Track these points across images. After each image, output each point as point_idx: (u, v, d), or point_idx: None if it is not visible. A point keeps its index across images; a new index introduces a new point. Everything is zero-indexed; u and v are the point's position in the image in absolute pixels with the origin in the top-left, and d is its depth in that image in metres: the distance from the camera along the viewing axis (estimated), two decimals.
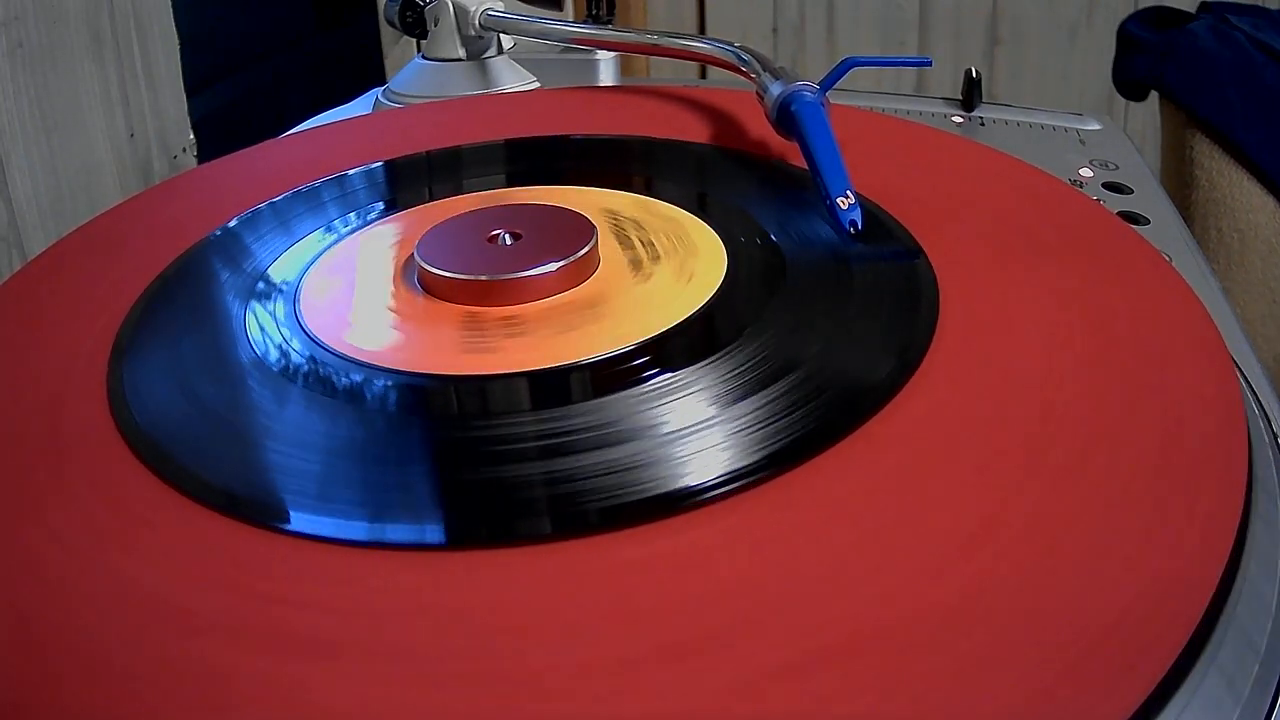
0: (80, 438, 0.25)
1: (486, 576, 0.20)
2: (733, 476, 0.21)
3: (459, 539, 0.21)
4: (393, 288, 0.30)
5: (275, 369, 0.26)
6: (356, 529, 0.21)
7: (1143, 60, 0.78)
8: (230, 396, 0.26)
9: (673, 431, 0.23)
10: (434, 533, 0.21)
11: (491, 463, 0.23)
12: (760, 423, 0.23)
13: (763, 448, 0.22)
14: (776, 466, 0.22)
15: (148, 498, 0.23)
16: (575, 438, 0.23)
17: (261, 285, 0.31)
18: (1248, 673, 0.19)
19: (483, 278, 0.28)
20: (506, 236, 0.30)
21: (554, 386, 0.25)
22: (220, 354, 0.27)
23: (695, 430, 0.23)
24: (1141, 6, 0.88)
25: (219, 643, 0.19)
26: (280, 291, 0.30)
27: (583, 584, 0.19)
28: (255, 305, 0.29)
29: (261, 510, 0.22)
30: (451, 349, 0.27)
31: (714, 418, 0.23)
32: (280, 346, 0.27)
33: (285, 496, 0.22)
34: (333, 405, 0.25)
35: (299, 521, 0.21)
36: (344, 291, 0.30)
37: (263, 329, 0.28)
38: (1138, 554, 0.19)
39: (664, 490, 0.21)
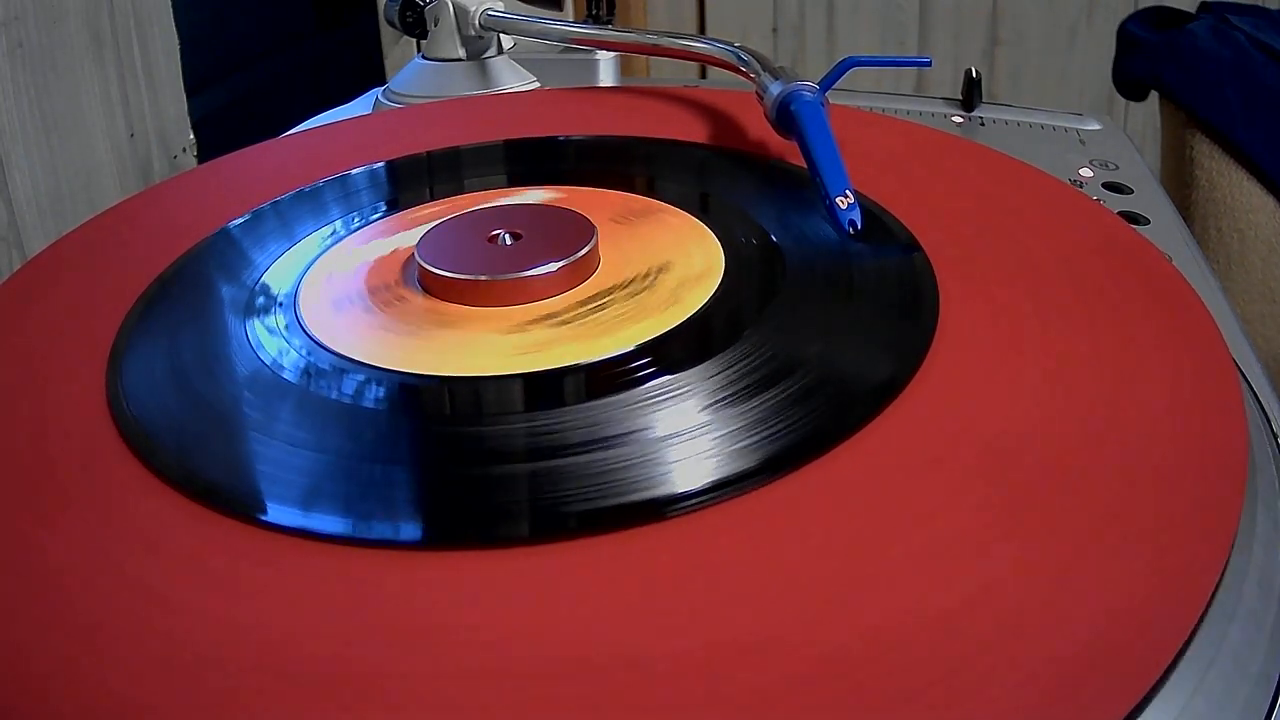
0: (80, 437, 0.25)
1: (473, 578, 0.20)
2: (731, 479, 0.21)
3: (444, 538, 0.21)
4: (393, 288, 0.30)
5: (273, 369, 0.26)
6: (350, 526, 0.21)
7: (1143, 60, 0.78)
8: (228, 396, 0.26)
9: (671, 434, 0.23)
10: (418, 531, 0.21)
11: (484, 464, 0.23)
12: (759, 425, 0.23)
13: (761, 449, 0.22)
14: (775, 470, 0.22)
15: (146, 496, 0.23)
16: (572, 440, 0.23)
17: (260, 285, 0.31)
18: (1245, 675, 0.19)
19: (483, 278, 0.28)
20: (506, 236, 0.30)
21: (552, 388, 0.25)
22: (218, 354, 0.27)
23: (694, 432, 0.23)
24: (1141, 6, 0.88)
25: (217, 640, 0.19)
26: (279, 292, 0.30)
27: (575, 586, 0.19)
28: (254, 305, 0.29)
29: (259, 508, 0.22)
30: (451, 349, 0.27)
31: (713, 420, 0.23)
32: (278, 346, 0.27)
33: (283, 495, 0.22)
34: (329, 405, 0.25)
35: (297, 519, 0.21)
36: (343, 292, 0.30)
37: (261, 329, 0.28)
38: (1137, 554, 0.19)
39: (660, 494, 0.21)
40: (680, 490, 0.21)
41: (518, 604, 0.19)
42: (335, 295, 0.30)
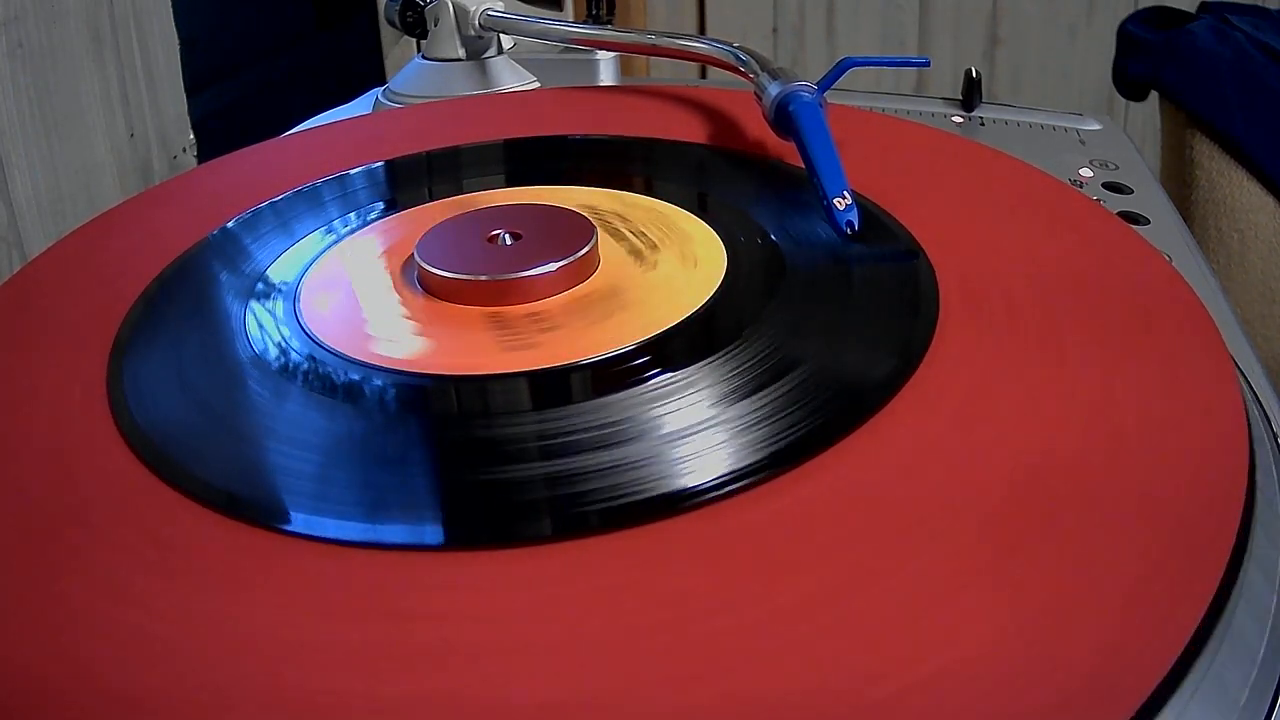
0: (80, 438, 0.25)
1: (486, 577, 0.20)
2: (733, 477, 0.21)
3: (459, 540, 0.21)
4: (392, 288, 0.30)
5: (275, 369, 0.26)
6: (357, 529, 0.21)
7: (1143, 60, 0.78)
8: (230, 397, 0.26)
9: (673, 431, 0.23)
10: (434, 533, 0.21)
11: (490, 463, 0.23)
12: (761, 423, 0.23)
13: (763, 447, 0.22)
14: (777, 466, 0.22)
15: (147, 497, 0.23)
16: (575, 438, 0.23)
17: (261, 285, 0.31)
18: (1246, 677, 0.19)
19: (482, 278, 0.28)
20: (506, 236, 0.30)
21: (554, 387, 0.25)
22: (220, 354, 0.27)
23: (695, 430, 0.23)
24: (1141, 6, 0.88)
25: (216, 641, 0.19)
26: (280, 291, 0.30)
27: (581, 585, 0.19)
28: (255, 305, 0.29)
29: (261, 510, 0.22)
30: (451, 349, 0.27)
31: (714, 418, 0.23)
32: (280, 346, 0.27)
33: (285, 497, 0.22)
34: (332, 405, 0.25)
35: (298, 521, 0.21)
36: (343, 291, 0.30)
37: (262, 329, 0.28)
38: (1136, 554, 0.19)
39: (664, 490, 0.21)
40: (689, 485, 0.21)
41: (535, 602, 0.19)
42: (335, 295, 0.30)
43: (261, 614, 0.19)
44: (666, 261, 0.30)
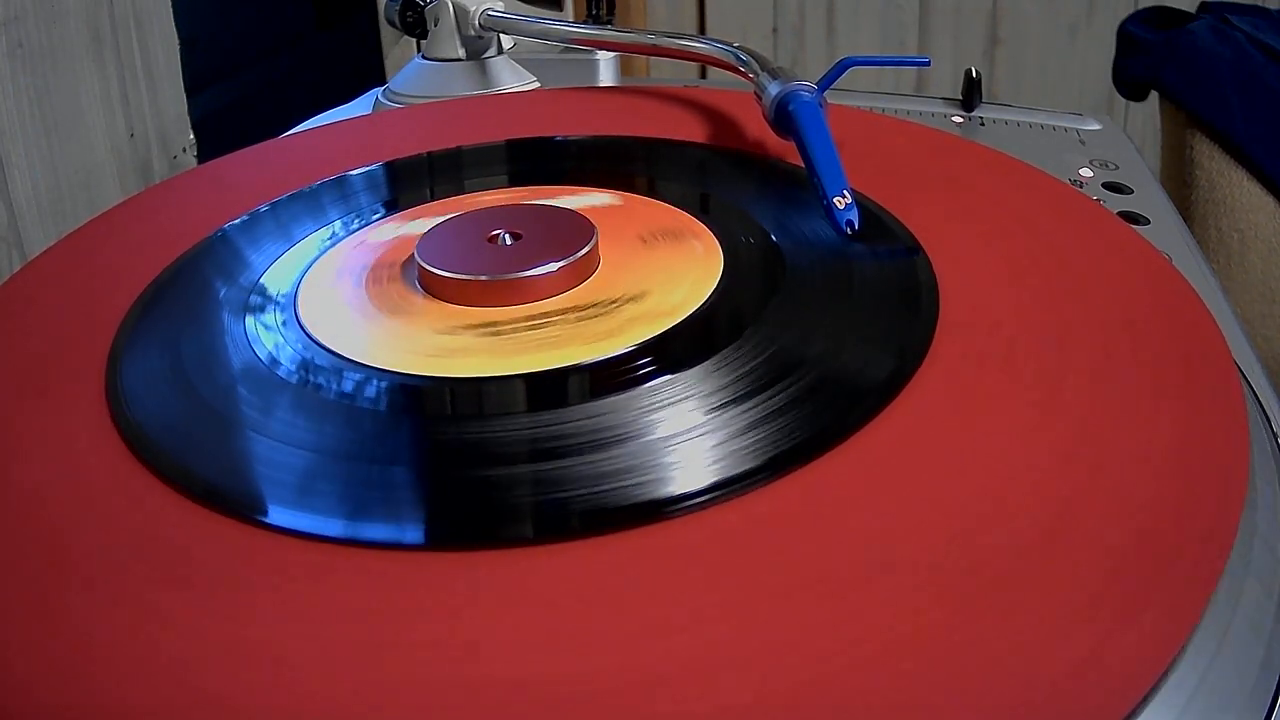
0: (79, 437, 0.25)
1: (471, 578, 0.20)
2: (730, 480, 0.21)
3: (447, 540, 0.21)
4: (393, 288, 0.30)
5: (273, 369, 0.26)
6: (346, 527, 0.21)
7: (1143, 60, 0.78)
8: (228, 396, 0.26)
9: (671, 434, 0.23)
10: (420, 533, 0.21)
11: (483, 465, 0.23)
12: (759, 426, 0.23)
13: (761, 451, 0.22)
14: (774, 470, 0.22)
15: (146, 497, 0.23)
16: (570, 441, 0.23)
17: (260, 286, 0.31)
18: (1244, 678, 0.19)
19: (483, 278, 0.28)
20: (506, 236, 0.30)
21: (551, 388, 0.25)
22: (218, 354, 0.27)
23: (693, 432, 0.23)
24: (1141, 6, 0.88)
25: (214, 641, 0.19)
26: (278, 292, 0.30)
27: (571, 588, 0.19)
28: (253, 306, 0.29)
29: (257, 508, 0.22)
30: (450, 349, 0.27)
31: (712, 420, 0.23)
32: (278, 346, 0.27)
33: (282, 495, 0.22)
34: (328, 405, 0.25)
35: (295, 519, 0.21)
36: (343, 292, 0.30)
37: (260, 329, 0.28)
38: (1135, 554, 0.19)
39: (659, 494, 0.21)
40: (680, 491, 0.21)
41: (517, 606, 0.19)
42: (334, 295, 0.30)
43: (258, 611, 0.19)
44: (572, 337, 0.27)
